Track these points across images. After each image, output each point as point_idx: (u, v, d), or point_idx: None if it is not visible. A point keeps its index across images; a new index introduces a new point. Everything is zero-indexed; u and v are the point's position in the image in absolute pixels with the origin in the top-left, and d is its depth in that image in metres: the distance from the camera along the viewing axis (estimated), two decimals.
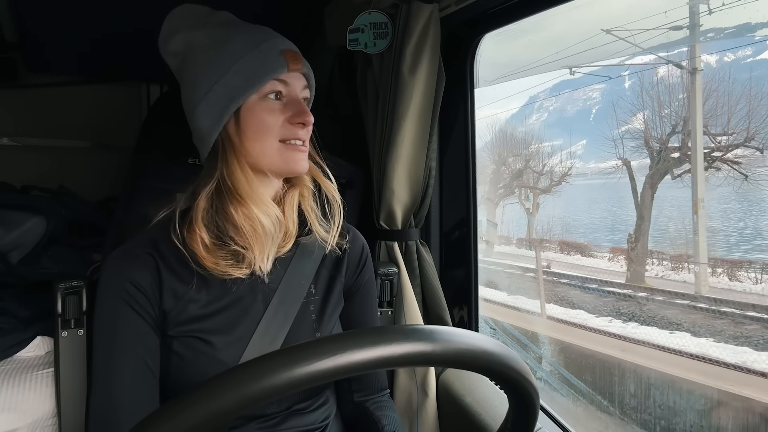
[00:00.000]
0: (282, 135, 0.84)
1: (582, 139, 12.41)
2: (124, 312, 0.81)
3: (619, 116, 7.96)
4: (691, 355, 4.55)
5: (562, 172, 9.24)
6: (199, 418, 0.43)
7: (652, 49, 6.44)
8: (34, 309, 1.28)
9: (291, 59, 0.85)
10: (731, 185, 7.01)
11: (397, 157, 1.26)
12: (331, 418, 0.94)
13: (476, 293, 1.43)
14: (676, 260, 6.76)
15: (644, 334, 5.10)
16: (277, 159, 0.84)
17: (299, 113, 0.84)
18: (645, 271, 6.73)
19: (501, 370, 0.53)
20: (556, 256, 8.02)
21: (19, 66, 1.87)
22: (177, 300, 0.83)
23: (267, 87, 0.84)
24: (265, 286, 0.88)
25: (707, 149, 7.13)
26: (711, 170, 7.13)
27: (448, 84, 1.28)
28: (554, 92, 16.41)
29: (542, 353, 5.40)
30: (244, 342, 0.84)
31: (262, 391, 0.43)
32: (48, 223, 1.52)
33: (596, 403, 4.41)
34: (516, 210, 9.25)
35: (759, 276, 5.88)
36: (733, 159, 7.15)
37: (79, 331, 1.09)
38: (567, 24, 1.22)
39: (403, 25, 1.22)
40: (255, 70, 0.83)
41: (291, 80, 0.86)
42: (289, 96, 0.86)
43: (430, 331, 0.49)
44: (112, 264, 0.84)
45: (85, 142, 2.06)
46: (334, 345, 0.45)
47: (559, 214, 8.88)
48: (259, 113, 0.84)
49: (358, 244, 1.01)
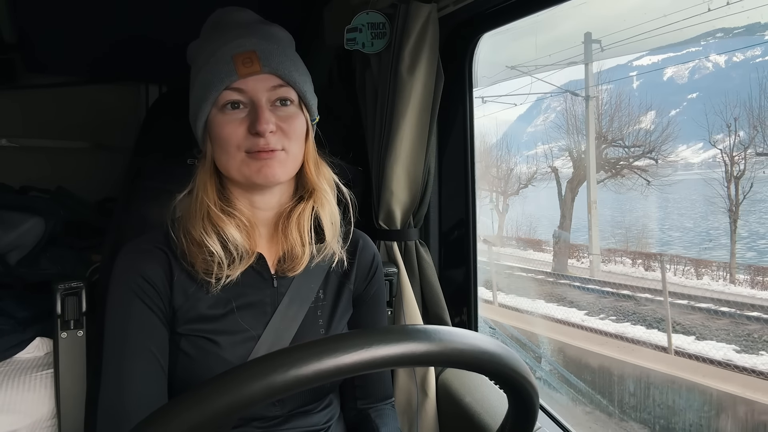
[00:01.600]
0: (246, 146, 0.81)
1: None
2: (136, 306, 0.80)
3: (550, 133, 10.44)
4: (575, 325, 6.16)
5: (526, 178, 10.95)
6: (202, 416, 0.43)
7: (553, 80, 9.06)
8: (33, 310, 1.28)
9: (242, 63, 0.80)
10: (637, 189, 9.39)
11: (396, 157, 1.26)
12: (333, 421, 0.94)
13: (475, 293, 1.43)
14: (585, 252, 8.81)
15: (549, 310, 6.80)
16: (245, 171, 0.81)
17: (253, 122, 0.79)
18: (567, 262, 8.62)
19: (500, 369, 0.53)
20: (513, 251, 9.81)
21: (17, 67, 1.87)
22: (187, 298, 0.83)
23: (222, 98, 0.81)
24: (274, 289, 0.88)
25: (616, 158, 9.63)
26: (620, 177, 9.54)
27: (447, 84, 1.28)
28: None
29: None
30: (251, 344, 0.84)
31: (264, 389, 0.44)
32: (47, 224, 1.52)
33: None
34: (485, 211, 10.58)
35: (646, 263, 8.07)
36: (641, 167, 9.54)
37: (78, 332, 1.09)
38: (480, 66, 1.36)
39: (402, 25, 1.22)
40: (208, 82, 0.81)
41: (248, 86, 0.81)
42: (250, 103, 0.81)
43: (429, 331, 0.49)
44: (125, 258, 0.84)
45: (84, 142, 2.06)
46: (332, 345, 0.45)
47: (523, 214, 10.67)
48: (218, 126, 0.81)
49: (369, 252, 0.99)
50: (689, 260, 7.58)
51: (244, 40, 0.82)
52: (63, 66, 1.95)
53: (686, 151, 10.92)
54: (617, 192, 9.79)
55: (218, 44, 0.83)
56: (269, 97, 0.82)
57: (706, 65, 12.54)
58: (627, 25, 7.65)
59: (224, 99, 0.81)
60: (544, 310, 6.84)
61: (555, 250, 9.04)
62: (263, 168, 0.80)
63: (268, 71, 0.82)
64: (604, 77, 9.73)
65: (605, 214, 9.86)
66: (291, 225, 0.87)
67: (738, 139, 7.94)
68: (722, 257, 7.58)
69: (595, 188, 8.73)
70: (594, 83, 8.70)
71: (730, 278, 6.81)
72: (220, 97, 0.81)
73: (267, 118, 0.80)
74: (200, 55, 0.85)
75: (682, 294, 6.07)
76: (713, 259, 7.56)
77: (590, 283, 7.45)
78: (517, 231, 10.58)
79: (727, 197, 7.90)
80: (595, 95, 8.55)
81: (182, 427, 0.43)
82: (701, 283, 6.79)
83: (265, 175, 0.81)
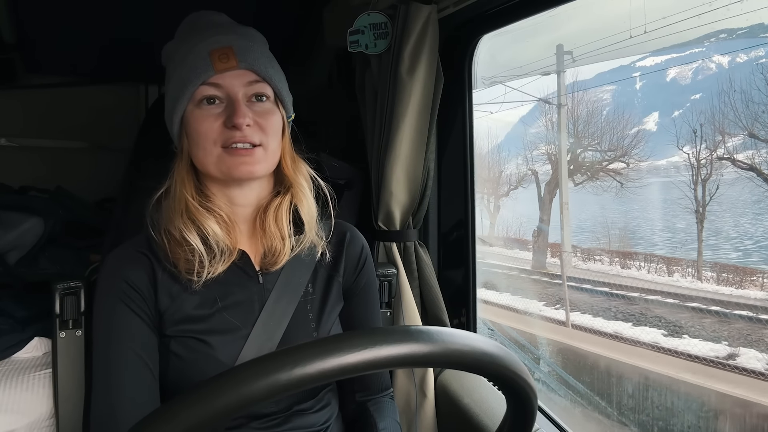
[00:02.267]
0: (222, 141, 0.81)
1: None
2: (120, 311, 0.81)
3: (530, 138, 10.96)
4: (549, 318, 6.88)
5: (517, 179, 11.40)
6: (197, 418, 0.43)
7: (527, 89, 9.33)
8: (32, 310, 1.28)
9: (218, 59, 0.81)
10: (612, 191, 10.06)
11: (395, 158, 1.26)
12: (332, 420, 0.94)
13: (474, 294, 1.43)
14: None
15: (525, 305, 7.44)
16: (221, 166, 0.82)
17: (230, 115, 0.80)
18: (546, 260, 9.19)
19: (499, 370, 0.53)
20: (500, 251, 10.42)
21: (17, 67, 1.87)
22: (172, 299, 0.84)
23: (198, 93, 0.82)
24: (261, 286, 0.88)
25: (592, 162, 10.42)
26: (596, 179, 10.27)
27: (447, 85, 1.28)
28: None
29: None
30: (241, 342, 0.84)
31: (259, 391, 0.43)
32: (46, 224, 1.52)
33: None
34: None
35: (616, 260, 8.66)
36: (614, 170, 10.24)
37: (77, 331, 1.09)
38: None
39: (401, 26, 1.22)
40: (183, 78, 0.82)
41: (224, 81, 0.82)
42: (227, 98, 0.83)
43: (428, 332, 0.49)
44: (108, 264, 0.85)
45: (83, 143, 2.06)
46: (331, 346, 0.45)
47: (513, 215, 11.14)
48: (194, 121, 0.82)
49: (357, 244, 1.00)
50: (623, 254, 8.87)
51: (221, 37, 0.84)
52: (63, 66, 1.95)
53: (658, 156, 12.55)
54: (595, 194, 10.48)
55: (195, 41, 0.84)
56: (245, 93, 0.83)
57: (668, 74, 14.40)
58: (596, 38, 8.56)
59: (201, 94, 0.82)
60: (508, 302, 7.74)
61: (534, 248, 9.73)
62: (241, 164, 0.81)
63: (245, 66, 0.83)
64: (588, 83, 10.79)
65: (586, 214, 10.97)
66: (269, 219, 0.87)
67: (704, 145, 8.60)
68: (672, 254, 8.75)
69: (567, 190, 9.53)
70: (569, 91, 9.48)
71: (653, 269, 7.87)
72: (197, 93, 0.82)
73: (244, 111, 0.81)
74: (176, 53, 0.87)
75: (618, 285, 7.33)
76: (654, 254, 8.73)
77: (557, 278, 8.31)
78: (506, 231, 11.21)
79: (694, 199, 8.74)
80: (565, 104, 9.25)
81: (178, 428, 0.43)
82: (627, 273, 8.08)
83: (244, 171, 0.82)
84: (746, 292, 6.45)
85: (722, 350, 5.26)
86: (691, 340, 5.59)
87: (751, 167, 7.28)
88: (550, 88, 9.58)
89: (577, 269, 8.81)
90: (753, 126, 7.38)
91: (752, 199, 8.19)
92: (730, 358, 5.06)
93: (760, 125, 7.21)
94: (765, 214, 8.34)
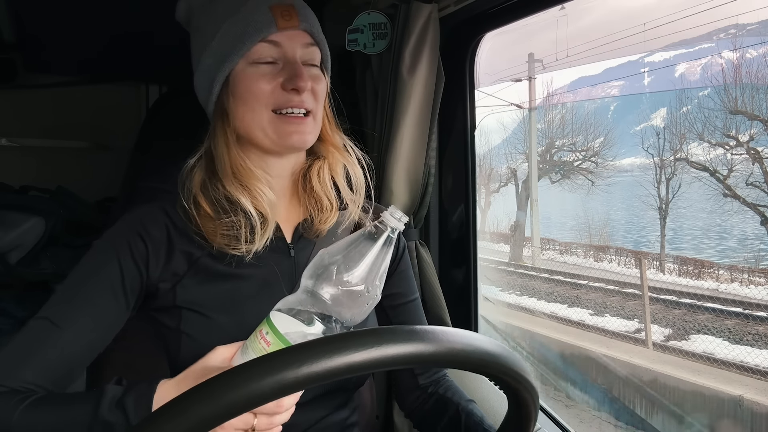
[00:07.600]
0: (275, 104, 0.75)
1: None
2: (116, 257, 0.75)
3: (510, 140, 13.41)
4: (521, 308, 8.24)
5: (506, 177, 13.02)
6: (198, 417, 0.43)
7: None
8: (33, 309, 1.28)
9: (281, 15, 0.75)
10: (585, 189, 12.25)
11: (396, 157, 1.26)
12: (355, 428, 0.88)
13: (476, 293, 1.42)
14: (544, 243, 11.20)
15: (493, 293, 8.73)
16: (270, 132, 0.76)
17: (292, 77, 0.74)
18: (522, 252, 10.65)
19: (500, 370, 0.53)
20: (486, 245, 11.68)
21: (17, 66, 1.87)
22: (196, 270, 0.77)
23: (254, 51, 0.75)
24: (291, 259, 0.81)
25: (566, 161, 12.68)
26: (567, 179, 12.58)
27: (448, 84, 1.28)
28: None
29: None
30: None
31: (266, 389, 0.44)
32: (47, 224, 1.53)
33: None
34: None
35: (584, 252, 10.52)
36: (586, 169, 12.42)
37: None
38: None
39: (402, 25, 1.22)
40: (239, 34, 0.75)
41: (284, 40, 0.76)
42: (284, 59, 0.76)
43: (429, 332, 0.49)
44: (124, 219, 0.80)
45: (84, 142, 2.06)
46: (338, 344, 0.45)
47: (504, 211, 12.56)
48: (246, 80, 0.75)
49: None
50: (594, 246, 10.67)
51: None
52: (63, 66, 1.95)
53: (624, 155, 14.67)
54: (571, 191, 12.46)
55: None
56: (302, 56, 0.78)
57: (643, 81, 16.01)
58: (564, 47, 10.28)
59: (258, 52, 0.75)
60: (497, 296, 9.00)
61: (511, 242, 10.93)
62: (294, 133, 0.76)
63: (304, 28, 0.78)
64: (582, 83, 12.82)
65: (560, 210, 13.63)
66: (313, 181, 0.82)
67: (668, 146, 10.77)
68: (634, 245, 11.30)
69: (536, 187, 10.78)
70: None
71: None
72: (254, 50, 0.75)
73: (306, 75, 0.75)
74: (219, 5, 0.78)
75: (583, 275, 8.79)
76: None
77: (521, 268, 9.76)
78: (495, 226, 12.54)
79: (657, 196, 10.63)
80: (534, 108, 11.08)
81: (181, 425, 0.43)
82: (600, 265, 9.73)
83: (297, 140, 0.76)
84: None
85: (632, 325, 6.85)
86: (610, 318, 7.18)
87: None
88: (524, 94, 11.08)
89: (540, 260, 10.25)
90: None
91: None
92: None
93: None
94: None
